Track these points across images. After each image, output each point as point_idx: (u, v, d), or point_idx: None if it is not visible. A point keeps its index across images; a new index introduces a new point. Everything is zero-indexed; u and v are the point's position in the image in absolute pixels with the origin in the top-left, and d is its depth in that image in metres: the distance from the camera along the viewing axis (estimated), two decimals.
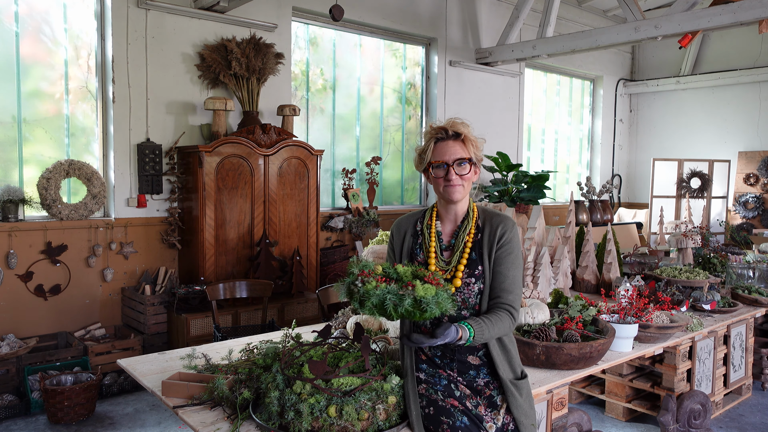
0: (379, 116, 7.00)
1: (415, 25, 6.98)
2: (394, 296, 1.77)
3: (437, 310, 1.79)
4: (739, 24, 5.50)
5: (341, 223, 6.23)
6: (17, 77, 4.66)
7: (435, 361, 2.14)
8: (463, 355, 2.12)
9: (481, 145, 2.15)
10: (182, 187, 5.18)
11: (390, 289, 1.78)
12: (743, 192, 8.48)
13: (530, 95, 8.63)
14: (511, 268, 2.10)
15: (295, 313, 5.21)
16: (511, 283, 2.09)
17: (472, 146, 2.11)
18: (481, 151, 2.15)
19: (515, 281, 2.10)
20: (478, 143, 2.13)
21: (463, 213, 2.18)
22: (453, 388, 2.09)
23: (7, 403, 4.05)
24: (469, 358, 2.12)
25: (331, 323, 2.98)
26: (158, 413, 4.18)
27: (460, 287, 2.09)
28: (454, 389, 2.09)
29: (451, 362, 2.13)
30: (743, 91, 8.83)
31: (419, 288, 1.78)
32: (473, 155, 2.11)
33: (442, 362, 2.14)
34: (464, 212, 2.18)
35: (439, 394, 2.07)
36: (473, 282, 2.10)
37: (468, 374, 2.12)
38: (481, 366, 2.12)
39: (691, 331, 3.52)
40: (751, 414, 4.27)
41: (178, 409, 2.17)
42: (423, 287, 1.79)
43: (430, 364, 2.15)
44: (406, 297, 1.77)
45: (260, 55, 5.44)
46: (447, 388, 2.09)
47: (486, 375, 2.12)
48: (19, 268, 4.57)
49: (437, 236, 2.17)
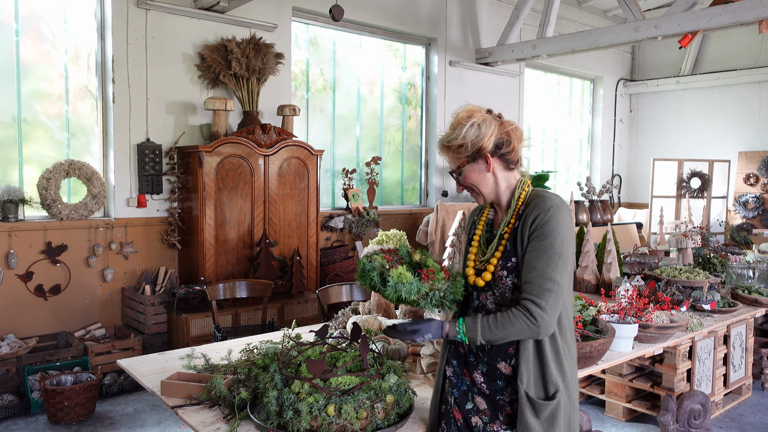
0: (379, 116, 7.01)
1: (415, 25, 6.98)
2: (376, 274, 1.85)
3: (393, 295, 1.80)
4: (739, 24, 5.50)
5: (341, 223, 6.23)
6: (17, 77, 4.67)
7: (468, 359, 1.94)
8: (493, 360, 1.88)
9: (483, 124, 1.86)
10: (182, 187, 5.18)
11: (376, 266, 1.87)
12: (743, 192, 8.47)
13: (530, 95, 8.63)
14: (540, 257, 1.78)
15: (295, 313, 5.21)
16: (538, 275, 1.77)
17: (457, 152, 1.90)
18: (481, 131, 1.86)
19: (543, 273, 1.76)
20: (467, 135, 1.86)
21: (507, 202, 1.95)
22: (467, 398, 1.93)
23: (7, 403, 4.05)
24: (500, 365, 1.87)
25: (330, 323, 2.98)
26: (158, 413, 4.18)
27: (491, 281, 1.89)
28: (468, 400, 1.93)
29: (482, 365, 1.91)
30: (743, 91, 8.83)
31: (393, 272, 1.81)
32: (462, 158, 1.90)
33: (474, 361, 1.93)
34: (507, 201, 1.94)
35: (452, 399, 1.96)
36: (505, 275, 1.87)
37: (496, 384, 1.88)
38: (512, 378, 1.86)
39: (691, 331, 3.51)
40: (751, 414, 4.27)
41: (177, 408, 2.17)
42: (397, 272, 1.81)
43: (461, 361, 1.97)
44: (378, 274, 1.85)
45: (260, 55, 5.44)
46: (462, 396, 1.94)
47: (515, 392, 1.85)
48: (19, 268, 4.57)
49: (485, 226, 2.01)
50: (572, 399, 1.86)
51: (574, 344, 1.91)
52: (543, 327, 1.75)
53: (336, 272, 5.76)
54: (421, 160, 7.44)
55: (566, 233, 1.79)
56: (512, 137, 1.90)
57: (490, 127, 1.87)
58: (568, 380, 1.85)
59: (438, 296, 1.85)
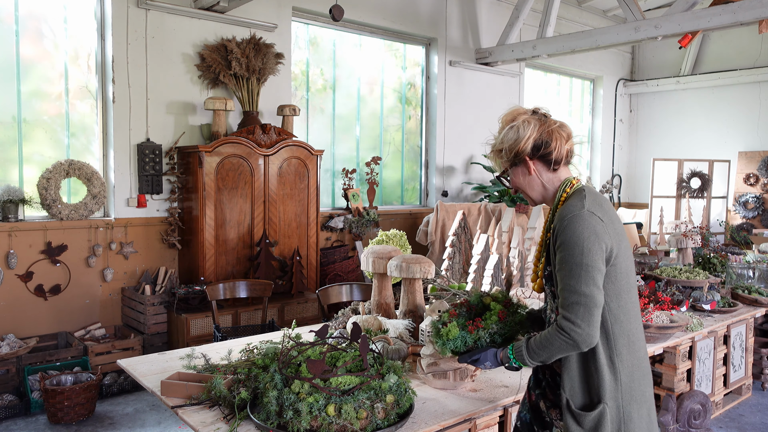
0: (379, 116, 7.01)
1: (415, 25, 6.98)
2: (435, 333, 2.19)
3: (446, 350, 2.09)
4: (739, 24, 5.50)
5: (341, 223, 6.23)
6: (17, 77, 4.66)
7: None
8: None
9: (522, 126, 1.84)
10: (182, 187, 5.18)
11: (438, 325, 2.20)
12: (743, 192, 8.47)
13: (530, 95, 8.63)
14: (561, 270, 1.74)
15: (295, 313, 5.21)
16: (564, 289, 1.73)
17: (499, 156, 1.91)
18: (518, 134, 1.84)
19: (567, 287, 1.72)
20: (505, 138, 1.86)
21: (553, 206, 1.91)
22: (538, 386, 1.97)
23: (7, 403, 4.05)
24: (555, 364, 1.87)
25: (330, 323, 2.98)
26: (158, 413, 4.18)
27: (545, 293, 1.92)
28: (538, 387, 1.97)
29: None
30: (743, 91, 8.83)
31: (443, 331, 2.11)
32: (505, 162, 1.90)
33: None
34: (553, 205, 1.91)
35: (528, 383, 2.04)
36: (545, 283, 1.88)
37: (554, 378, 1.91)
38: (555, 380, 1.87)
39: (691, 331, 3.51)
40: (751, 414, 4.27)
41: (177, 408, 2.17)
42: (446, 330, 2.10)
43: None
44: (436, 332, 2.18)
45: (260, 55, 5.44)
46: (535, 383, 1.99)
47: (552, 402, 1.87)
48: (19, 268, 4.57)
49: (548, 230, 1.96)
50: (626, 412, 1.77)
51: (633, 353, 1.80)
52: (580, 340, 1.70)
53: (336, 272, 5.76)
54: (421, 160, 7.44)
55: (585, 242, 1.70)
56: (554, 136, 1.84)
57: (527, 129, 1.83)
58: (621, 392, 1.76)
59: (486, 340, 2.05)
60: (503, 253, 4.11)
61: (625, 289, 1.78)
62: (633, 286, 1.82)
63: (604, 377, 1.75)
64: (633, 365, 1.79)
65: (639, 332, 1.83)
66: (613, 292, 1.76)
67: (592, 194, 1.82)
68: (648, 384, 1.84)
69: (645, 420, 1.80)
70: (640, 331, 1.84)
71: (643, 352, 1.84)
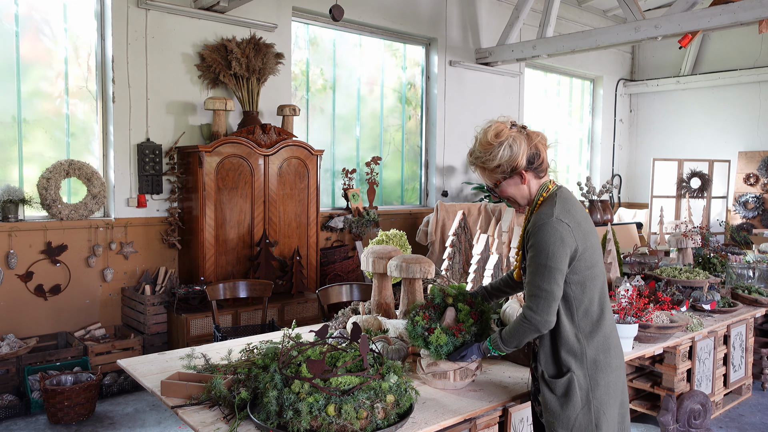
0: (379, 116, 7.01)
1: (415, 25, 6.98)
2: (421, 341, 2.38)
3: (437, 355, 2.33)
4: (739, 24, 5.50)
5: (341, 223, 6.23)
6: (17, 77, 4.66)
7: None
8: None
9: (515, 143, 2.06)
10: (182, 187, 5.18)
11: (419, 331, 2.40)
12: (743, 192, 8.47)
13: (530, 95, 8.63)
14: (530, 266, 2.05)
15: (295, 313, 5.21)
16: (529, 284, 2.05)
17: (493, 171, 2.10)
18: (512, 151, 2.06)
19: (532, 282, 2.03)
20: (501, 156, 2.06)
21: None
22: (536, 362, 2.21)
23: (7, 403, 4.05)
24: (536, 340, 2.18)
25: (330, 323, 2.98)
26: (158, 413, 4.18)
27: (523, 280, 2.17)
28: (536, 363, 2.22)
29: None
30: (743, 91, 8.83)
31: (432, 338, 2.31)
32: (498, 177, 2.10)
33: None
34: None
35: (532, 364, 2.28)
36: (523, 275, 2.14)
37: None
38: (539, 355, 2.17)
39: (691, 331, 3.51)
40: (751, 414, 4.27)
41: (177, 408, 2.17)
42: (435, 337, 2.30)
43: None
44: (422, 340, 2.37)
45: (260, 55, 5.44)
46: (536, 363, 2.20)
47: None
48: (19, 268, 4.57)
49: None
50: (592, 380, 2.04)
51: (598, 331, 2.07)
52: (539, 326, 2.03)
53: (336, 272, 5.76)
54: (421, 160, 7.44)
55: (551, 247, 1.98)
56: (540, 148, 2.11)
57: (521, 145, 2.07)
58: (586, 362, 2.04)
59: (471, 339, 2.31)
60: (503, 253, 4.10)
61: (590, 278, 2.06)
62: (598, 275, 2.09)
63: (570, 351, 2.05)
64: (597, 341, 2.07)
65: (605, 313, 2.10)
66: (578, 281, 2.04)
67: (563, 200, 2.07)
68: (614, 356, 2.09)
69: (612, 387, 2.07)
70: (607, 312, 2.11)
71: (609, 329, 2.10)
